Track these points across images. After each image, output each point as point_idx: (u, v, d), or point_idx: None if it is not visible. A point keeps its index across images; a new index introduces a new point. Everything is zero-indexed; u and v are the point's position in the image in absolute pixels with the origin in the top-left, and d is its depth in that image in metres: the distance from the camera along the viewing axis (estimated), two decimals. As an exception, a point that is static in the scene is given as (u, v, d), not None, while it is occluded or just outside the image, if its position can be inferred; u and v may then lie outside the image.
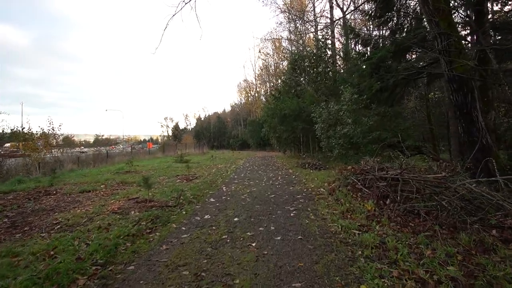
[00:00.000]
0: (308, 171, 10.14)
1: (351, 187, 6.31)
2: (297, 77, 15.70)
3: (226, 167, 12.79)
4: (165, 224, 4.29)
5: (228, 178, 9.21)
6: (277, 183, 8.04)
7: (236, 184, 8.02)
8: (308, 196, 6.18)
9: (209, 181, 8.45)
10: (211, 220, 4.46)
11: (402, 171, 5.29)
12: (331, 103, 9.34)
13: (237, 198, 6.08)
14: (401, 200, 4.65)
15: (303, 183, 7.83)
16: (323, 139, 9.41)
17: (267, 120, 17.62)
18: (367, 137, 7.94)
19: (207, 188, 7.41)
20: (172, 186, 7.61)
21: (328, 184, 7.33)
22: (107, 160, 15.79)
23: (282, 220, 4.37)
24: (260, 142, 37.12)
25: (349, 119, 8.26)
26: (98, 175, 10.02)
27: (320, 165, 11.33)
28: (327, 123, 9.24)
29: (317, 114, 9.80)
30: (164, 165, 13.60)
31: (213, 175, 10.05)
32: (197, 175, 10.15)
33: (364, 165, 6.90)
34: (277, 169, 11.69)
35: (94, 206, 5.31)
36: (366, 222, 4.06)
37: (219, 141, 56.39)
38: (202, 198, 6.13)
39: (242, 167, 12.89)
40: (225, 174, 10.36)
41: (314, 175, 9.02)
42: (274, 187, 7.40)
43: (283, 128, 13.90)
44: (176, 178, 9.37)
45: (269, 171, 11.15)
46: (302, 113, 12.77)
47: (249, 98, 52.08)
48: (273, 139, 20.06)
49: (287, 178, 8.87)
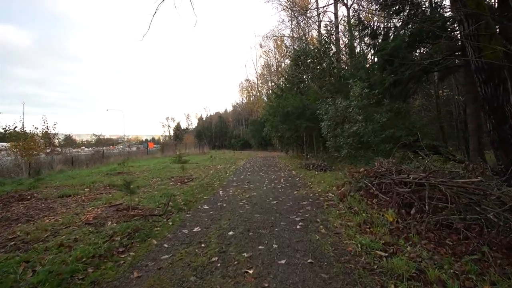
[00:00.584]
0: (313, 173, 9.34)
1: (365, 193, 5.51)
2: (301, 74, 14.89)
3: (225, 168, 12.02)
4: (144, 239, 3.51)
5: (226, 181, 8.43)
6: (279, 186, 7.25)
7: (235, 187, 7.24)
8: (315, 202, 5.38)
9: (205, 184, 7.68)
10: (200, 234, 3.68)
11: (428, 174, 4.48)
12: (338, 99, 8.53)
13: (234, 204, 5.30)
14: (430, 210, 3.85)
15: (309, 187, 7.04)
16: (330, 138, 8.62)
17: (268, 118, 16.83)
18: (379, 135, 7.14)
19: (202, 192, 6.64)
20: (164, 189, 6.85)
21: (337, 188, 6.54)
22: (102, 161, 15.08)
23: (286, 234, 3.58)
24: (261, 142, 36.36)
25: (359, 116, 7.46)
26: (87, 176, 9.29)
27: (326, 166, 10.52)
28: (334, 121, 8.43)
29: (323, 111, 9.00)
30: (161, 166, 12.85)
31: (210, 176, 9.28)
32: (193, 176, 9.39)
33: (378, 167, 6.09)
34: (280, 170, 10.90)
35: (67, 214, 4.55)
36: (391, 239, 3.27)
37: (221, 141, 55.68)
38: (194, 205, 5.35)
39: (242, 168, 12.11)
40: (223, 175, 9.58)
41: (320, 177, 8.22)
42: (276, 191, 6.61)
43: (285, 126, 13.10)
44: (170, 180, 8.61)
45: (270, 172, 10.37)
46: (305, 111, 11.97)
47: (250, 98, 51.40)
48: (275, 139, 19.25)
49: (290, 181, 8.08)
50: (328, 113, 8.69)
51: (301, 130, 12.04)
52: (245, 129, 48.43)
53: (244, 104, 55.28)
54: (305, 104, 11.76)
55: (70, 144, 45.59)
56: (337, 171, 9.46)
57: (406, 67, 7.19)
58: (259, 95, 47.41)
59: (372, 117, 7.39)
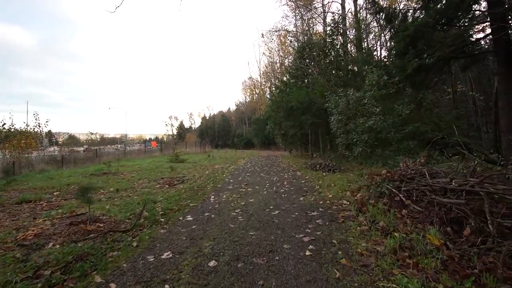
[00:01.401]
0: (320, 174, 8.20)
1: (389, 201, 4.37)
2: (306, 66, 13.71)
3: (223, 168, 10.92)
4: (85, 274, 2.42)
5: (222, 183, 7.33)
6: (282, 190, 6.12)
7: (230, 191, 6.13)
8: (327, 213, 4.24)
9: (197, 187, 6.59)
10: (168, 265, 2.58)
11: (483, 180, 3.32)
12: (350, 90, 7.36)
13: (225, 215, 4.20)
14: (495, 231, 2.69)
15: (317, 191, 5.90)
16: (340, 134, 7.47)
17: (271, 115, 15.70)
18: (400, 130, 5.96)
19: (190, 197, 5.55)
20: (147, 194, 5.79)
21: (352, 193, 5.39)
22: (93, 160, 14.09)
23: (291, 267, 2.47)
24: (264, 141, 35.29)
25: (375, 108, 6.29)
26: (68, 177, 8.28)
27: (334, 167, 9.36)
28: (345, 115, 7.28)
29: (332, 104, 7.84)
30: (154, 165, 11.82)
31: (205, 178, 8.19)
32: (186, 177, 8.31)
33: (403, 168, 4.93)
34: (283, 171, 9.76)
35: (4, 229, 3.48)
36: (451, 282, 2.12)
37: (224, 140, 54.78)
38: (175, 216, 4.26)
39: (242, 168, 11.00)
40: (219, 177, 8.48)
41: (329, 179, 7.08)
42: (278, 197, 5.49)
43: (289, 123, 11.96)
44: (158, 182, 7.54)
45: (273, 173, 9.24)
46: (311, 106, 10.81)
47: (254, 96, 50.36)
48: (278, 137, 18.14)
49: (295, 184, 6.95)
50: (338, 106, 7.53)
51: (306, 127, 10.89)
52: (248, 128, 47.42)
53: (247, 103, 54.29)
54: (311, 98, 10.61)
55: (74, 143, 45.11)
56: (347, 172, 8.31)
57: (433, 49, 6.00)
58: (262, 94, 46.34)
59: (391, 110, 6.22)
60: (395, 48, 7.17)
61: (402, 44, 6.71)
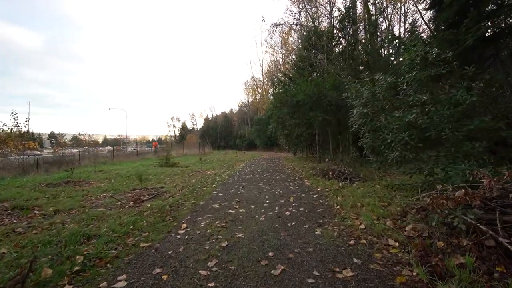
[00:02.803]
0: (336, 185, 6.29)
1: (472, 245, 2.45)
2: (315, 55, 11.75)
3: (216, 175, 9.03)
4: None
5: (207, 198, 5.44)
6: (288, 214, 4.20)
7: (213, 215, 4.24)
8: (370, 270, 2.30)
9: (169, 206, 4.71)
10: None
11: None
12: (378, 74, 5.42)
13: (185, 279, 2.29)
14: None
15: (339, 216, 3.97)
16: (365, 133, 5.51)
17: (273, 113, 13.78)
18: (460, 127, 4.02)
19: (151, 226, 3.68)
20: (91, 218, 3.94)
21: (394, 223, 3.48)
22: (74, 163, 12.31)
23: None
24: (267, 141, 33.41)
25: (421, 96, 4.34)
26: (16, 187, 6.47)
27: (352, 174, 7.42)
28: (372, 107, 5.34)
29: (353, 94, 5.90)
30: (137, 171, 9.98)
31: (188, 190, 6.31)
32: (164, 189, 6.45)
33: (488, 186, 2.99)
34: (287, 179, 7.84)
35: None
36: None
37: (226, 141, 53.09)
38: (94, 278, 2.36)
39: (239, 175, 9.10)
40: (207, 188, 6.59)
41: (351, 194, 5.16)
42: (283, 227, 3.57)
43: (294, 121, 10.04)
44: (125, 195, 5.69)
45: (275, 182, 7.33)
46: (321, 100, 8.87)
47: (256, 96, 48.61)
48: (281, 138, 16.21)
49: (305, 201, 5.03)
50: (361, 96, 5.59)
51: (315, 125, 8.94)
52: (250, 128, 45.59)
53: (250, 103, 52.56)
54: (321, 90, 8.68)
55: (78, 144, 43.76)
56: (370, 182, 6.38)
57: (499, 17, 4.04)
58: (264, 94, 44.52)
59: (445, 98, 4.26)
60: (441, 16, 5.22)
61: (454, 9, 4.75)
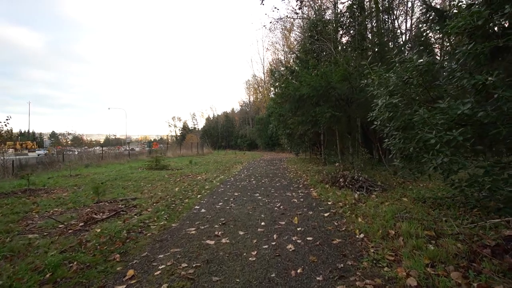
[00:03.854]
0: (350, 196, 4.95)
1: None
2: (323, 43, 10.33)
3: (206, 180, 7.70)
4: None
5: (182, 218, 4.09)
6: (290, 247, 2.84)
7: (183, 249, 2.90)
8: None
9: (127, 232, 3.37)
10: None
11: None
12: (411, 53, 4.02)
13: None
14: None
15: (369, 256, 2.59)
16: (390, 132, 4.13)
17: (274, 111, 12.43)
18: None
19: (75, 276, 2.33)
20: (8, 250, 2.62)
21: (460, 272, 2.09)
22: (54, 165, 11.04)
23: None
24: (268, 141, 32.06)
25: (487, 77, 2.96)
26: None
27: (369, 183, 6.05)
28: (403, 96, 3.96)
29: (374, 80, 4.51)
30: (117, 175, 8.68)
31: (163, 203, 4.98)
32: (135, 201, 5.11)
33: None
34: (289, 187, 6.48)
35: None
36: None
37: (227, 141, 51.87)
38: None
39: (233, 181, 7.76)
40: (189, 200, 5.24)
41: (374, 212, 3.81)
42: (284, 276, 2.21)
43: (298, 119, 8.68)
44: (83, 210, 4.38)
45: (274, 192, 5.97)
46: (330, 93, 7.49)
47: (257, 96, 47.31)
48: (283, 137, 14.86)
49: (314, 223, 3.66)
50: (387, 83, 4.20)
51: (322, 122, 7.56)
52: (251, 128, 44.29)
53: (251, 102, 51.29)
54: (330, 82, 7.30)
55: (79, 144, 42.94)
56: (392, 192, 5.02)
57: None
58: (266, 93, 43.19)
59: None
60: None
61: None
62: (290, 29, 28.35)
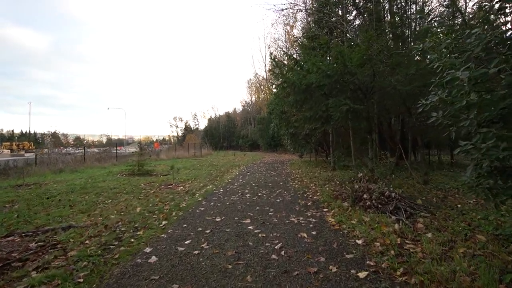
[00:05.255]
0: (386, 225, 3.14)
1: None
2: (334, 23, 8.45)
3: (187, 193, 5.93)
4: None
5: (108, 283, 2.31)
6: None
7: None
8: None
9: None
10: None
11: None
12: None
13: None
14: None
15: None
16: (474, 129, 2.28)
17: (276, 108, 10.62)
18: None
19: None
20: None
21: None
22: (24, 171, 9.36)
23: None
24: (270, 142, 30.26)
25: None
26: None
27: (406, 201, 4.25)
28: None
29: (439, 44, 2.66)
30: (84, 184, 6.96)
31: (107, 236, 3.22)
32: (62, 236, 3.36)
33: None
34: (294, 206, 4.68)
35: None
36: None
37: (229, 142, 50.30)
38: None
39: (221, 193, 5.98)
40: (146, 233, 3.48)
41: (436, 264, 1.97)
42: None
43: (305, 114, 6.85)
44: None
45: (273, 213, 4.18)
46: (346, 81, 5.69)
47: (259, 95, 45.55)
48: (286, 138, 13.06)
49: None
50: (463, 49, 2.39)
51: (336, 117, 5.71)
52: (253, 128, 42.54)
53: (253, 102, 49.60)
54: (347, 65, 5.49)
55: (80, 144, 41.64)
56: (455, 223, 3.20)
57: None
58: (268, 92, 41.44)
59: None
60: None
61: None
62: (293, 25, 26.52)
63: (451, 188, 6.21)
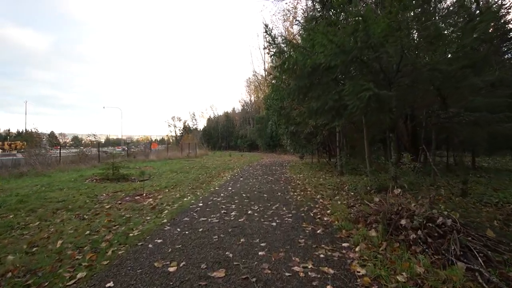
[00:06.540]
0: (462, 284, 1.53)
1: None
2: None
3: (153, 210, 4.36)
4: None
5: None
6: None
7: None
8: None
9: None
10: None
11: None
12: None
13: None
14: None
15: None
16: None
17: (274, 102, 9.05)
18: None
19: None
20: None
21: None
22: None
23: None
24: (269, 142, 28.68)
25: None
26: None
27: (476, 238, 2.64)
28: None
29: None
30: (32, 192, 5.40)
31: None
32: None
33: None
34: (298, 236, 3.11)
35: None
36: None
37: (227, 141, 48.76)
38: None
39: (199, 211, 4.41)
40: None
41: None
42: None
43: (310, 105, 5.23)
44: None
45: (265, 253, 2.62)
46: (367, 58, 4.13)
47: (258, 94, 43.98)
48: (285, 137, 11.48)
49: None
50: None
51: (354, 108, 4.14)
52: (251, 128, 40.97)
53: (252, 102, 48.06)
54: (370, 38, 3.94)
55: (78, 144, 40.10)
56: None
57: None
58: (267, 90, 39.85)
59: None
60: None
61: None
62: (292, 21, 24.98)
63: (500, 201, 4.65)
